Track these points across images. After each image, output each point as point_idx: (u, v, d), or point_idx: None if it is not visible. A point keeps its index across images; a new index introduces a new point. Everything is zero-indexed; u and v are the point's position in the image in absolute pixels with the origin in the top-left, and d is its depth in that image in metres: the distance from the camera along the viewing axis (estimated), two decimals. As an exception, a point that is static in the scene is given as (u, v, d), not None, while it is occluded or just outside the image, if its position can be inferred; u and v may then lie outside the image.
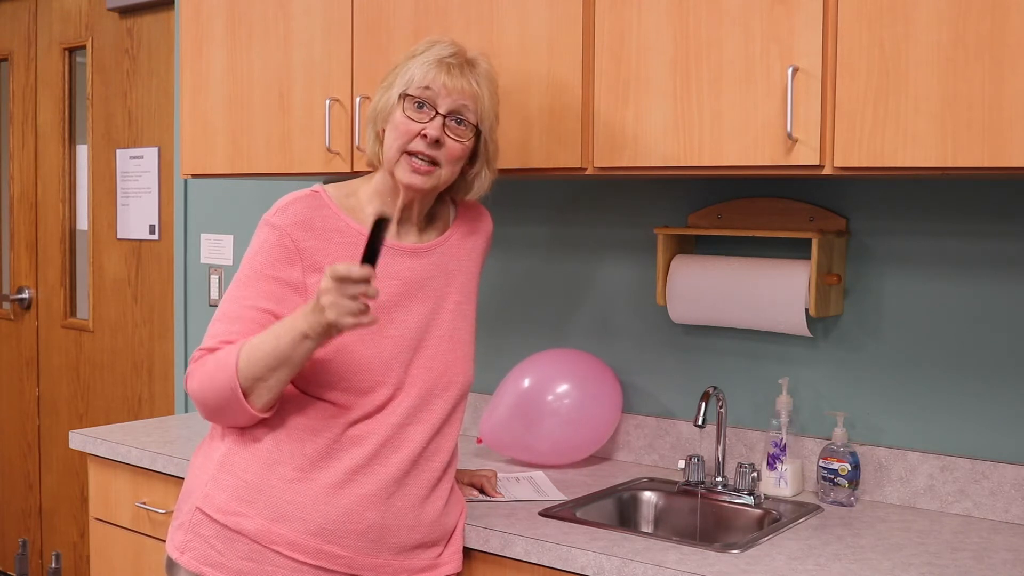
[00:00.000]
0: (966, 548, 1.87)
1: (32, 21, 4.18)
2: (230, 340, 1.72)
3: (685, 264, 2.30)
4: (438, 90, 1.79)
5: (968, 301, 2.07)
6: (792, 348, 2.28)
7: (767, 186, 2.28)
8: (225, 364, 1.69)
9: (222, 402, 1.71)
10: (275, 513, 1.73)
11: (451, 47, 1.84)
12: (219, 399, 1.71)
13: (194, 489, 1.82)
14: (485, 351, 2.64)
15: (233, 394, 1.69)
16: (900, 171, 1.78)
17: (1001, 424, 2.05)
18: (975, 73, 1.67)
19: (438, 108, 1.79)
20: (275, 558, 1.73)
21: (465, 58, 1.85)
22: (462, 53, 1.85)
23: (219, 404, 1.72)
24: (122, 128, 3.81)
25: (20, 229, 4.30)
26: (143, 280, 3.75)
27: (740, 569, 1.73)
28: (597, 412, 2.39)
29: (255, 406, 1.70)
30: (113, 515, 2.61)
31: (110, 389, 3.91)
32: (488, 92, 1.85)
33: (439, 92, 1.79)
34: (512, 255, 2.68)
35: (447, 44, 1.84)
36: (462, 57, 1.84)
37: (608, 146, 2.06)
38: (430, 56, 1.81)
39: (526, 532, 1.90)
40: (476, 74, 1.84)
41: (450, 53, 1.82)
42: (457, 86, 1.80)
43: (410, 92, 1.79)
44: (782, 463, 2.19)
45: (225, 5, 2.67)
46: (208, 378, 1.71)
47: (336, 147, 2.43)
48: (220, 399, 1.71)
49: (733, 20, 1.90)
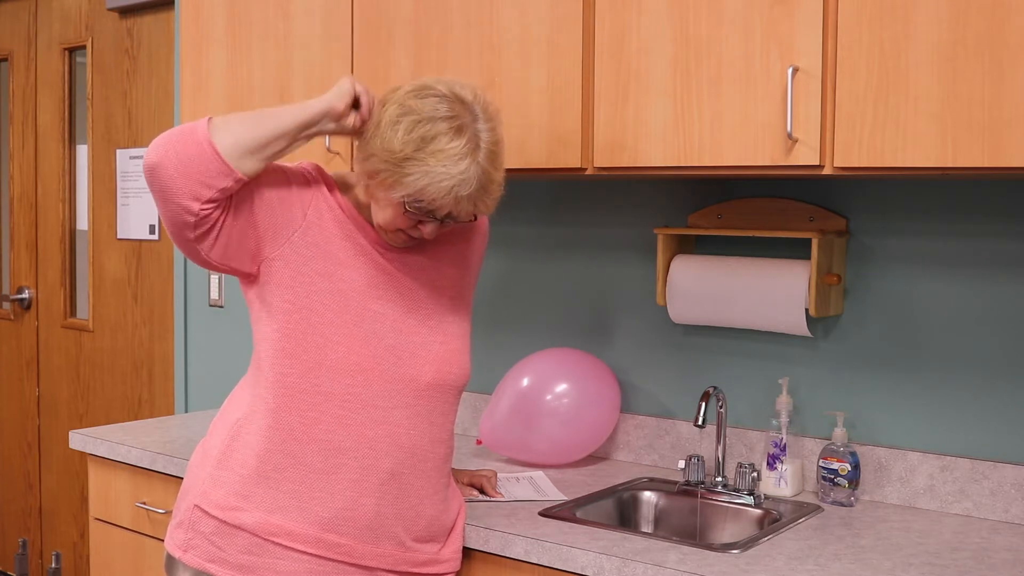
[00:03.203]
0: (966, 548, 1.87)
1: (32, 21, 4.18)
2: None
3: (685, 264, 2.30)
4: (442, 208, 1.71)
5: (968, 301, 2.08)
6: (792, 348, 2.28)
7: (767, 186, 2.28)
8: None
9: (183, 139, 1.64)
10: (273, 505, 1.74)
11: (465, 146, 1.68)
12: (181, 136, 1.64)
13: (192, 487, 1.82)
14: (484, 351, 2.64)
15: (196, 126, 1.64)
16: (900, 171, 1.78)
17: (1001, 424, 2.05)
18: (975, 73, 1.67)
19: (437, 215, 1.73)
20: (276, 550, 1.73)
21: (474, 146, 1.69)
22: (472, 140, 1.69)
23: (179, 142, 1.64)
24: (122, 128, 3.81)
25: (20, 229, 4.30)
26: (143, 280, 3.75)
27: (740, 569, 1.73)
28: (596, 412, 2.39)
29: (216, 140, 1.63)
30: (113, 515, 2.61)
31: (110, 389, 3.91)
32: (493, 183, 1.74)
33: (442, 209, 1.71)
34: (512, 255, 2.68)
35: (463, 146, 1.68)
36: (472, 147, 1.68)
37: (608, 146, 2.06)
38: (440, 171, 1.66)
39: (526, 532, 1.90)
40: (481, 160, 1.69)
41: (460, 160, 1.66)
42: (462, 205, 1.71)
43: (411, 209, 1.71)
44: (782, 463, 2.19)
45: (225, 5, 2.67)
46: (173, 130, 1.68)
47: (336, 147, 2.43)
48: (182, 136, 1.64)
49: (733, 20, 1.90)
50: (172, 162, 1.63)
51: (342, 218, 1.80)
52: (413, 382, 1.80)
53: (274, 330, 1.75)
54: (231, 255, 1.73)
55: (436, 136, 1.68)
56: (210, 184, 1.64)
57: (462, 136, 1.68)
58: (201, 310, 3.41)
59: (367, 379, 1.76)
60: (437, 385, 1.83)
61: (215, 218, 1.67)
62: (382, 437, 1.77)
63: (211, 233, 1.69)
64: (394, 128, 1.70)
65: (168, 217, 1.67)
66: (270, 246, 1.74)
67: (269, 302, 1.76)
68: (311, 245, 1.76)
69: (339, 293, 1.76)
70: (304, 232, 1.76)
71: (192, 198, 1.63)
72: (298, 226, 1.76)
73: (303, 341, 1.74)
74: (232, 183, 1.66)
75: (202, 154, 1.63)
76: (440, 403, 1.84)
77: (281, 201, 1.75)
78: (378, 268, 1.80)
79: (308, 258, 1.75)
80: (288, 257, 1.75)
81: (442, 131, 1.68)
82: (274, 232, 1.74)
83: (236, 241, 1.72)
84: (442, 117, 1.69)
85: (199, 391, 3.42)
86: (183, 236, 1.69)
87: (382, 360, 1.77)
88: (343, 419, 1.75)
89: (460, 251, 1.95)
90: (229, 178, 1.65)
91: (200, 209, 1.64)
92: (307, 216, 1.77)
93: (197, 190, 1.63)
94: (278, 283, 1.75)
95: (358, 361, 1.76)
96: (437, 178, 1.67)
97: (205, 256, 1.72)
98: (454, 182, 1.67)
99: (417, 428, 1.80)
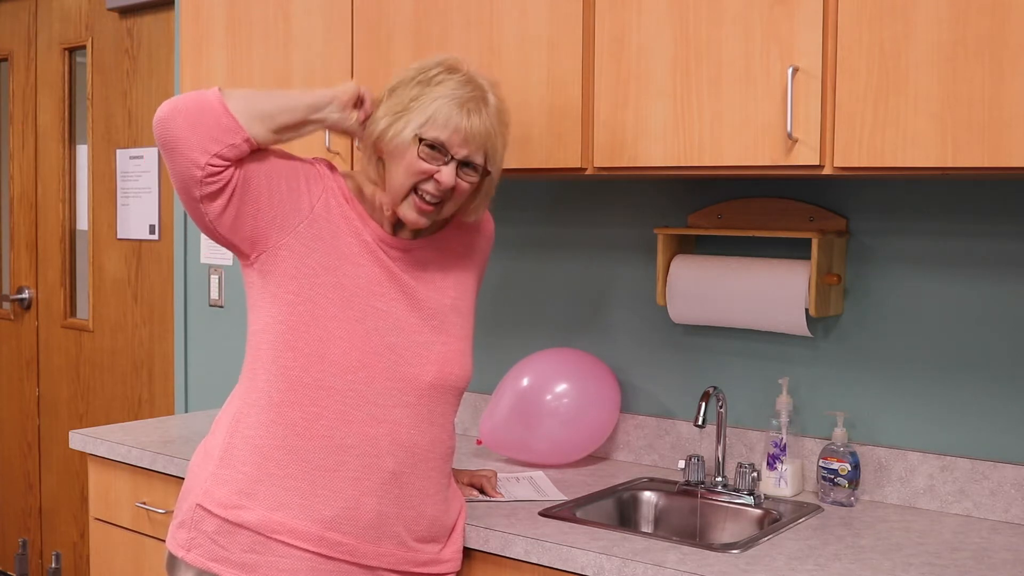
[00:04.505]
0: (966, 548, 1.87)
1: (32, 21, 4.18)
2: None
3: (685, 264, 2.30)
4: (455, 136, 1.75)
5: (968, 301, 2.08)
6: (792, 348, 2.28)
7: (767, 186, 2.29)
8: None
9: (194, 98, 1.70)
10: (276, 502, 1.74)
11: (468, 83, 1.78)
12: (192, 96, 1.70)
13: (194, 487, 1.82)
14: (484, 351, 2.64)
15: (207, 90, 1.70)
16: (900, 171, 1.78)
17: (1001, 424, 2.05)
18: (975, 73, 1.67)
19: (453, 154, 1.76)
20: (278, 547, 1.73)
21: (482, 96, 1.79)
22: (479, 89, 1.79)
23: (190, 99, 1.69)
24: (122, 128, 3.81)
25: (20, 229, 4.30)
26: (143, 280, 3.75)
27: (740, 569, 1.73)
28: (596, 412, 2.39)
29: (226, 101, 1.69)
30: (113, 515, 2.61)
31: (110, 389, 3.91)
32: (501, 135, 1.83)
33: (456, 138, 1.75)
34: (512, 255, 2.68)
35: (463, 78, 1.78)
36: (479, 95, 1.78)
37: (608, 146, 2.06)
38: (448, 94, 1.75)
39: (526, 532, 1.90)
40: (490, 113, 1.79)
41: (469, 94, 1.77)
42: (475, 132, 1.76)
43: (426, 137, 1.75)
44: (782, 463, 2.19)
45: (225, 5, 2.67)
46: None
47: (336, 147, 2.43)
48: (193, 96, 1.70)
49: (733, 20, 1.90)
50: (182, 115, 1.67)
51: (350, 215, 1.80)
52: (414, 381, 1.80)
53: (278, 321, 1.76)
54: (236, 229, 1.74)
55: (442, 81, 1.77)
56: (218, 138, 1.67)
57: (468, 83, 1.78)
58: (201, 310, 3.41)
59: (368, 376, 1.76)
60: (438, 385, 1.83)
61: (224, 179, 1.69)
62: (383, 435, 1.77)
63: (219, 197, 1.70)
64: (398, 89, 1.79)
65: (176, 172, 1.69)
66: (277, 234, 1.75)
67: (274, 292, 1.76)
68: (316, 237, 1.77)
69: (342, 288, 1.76)
70: (310, 224, 1.77)
71: (200, 150, 1.66)
72: (305, 217, 1.77)
73: (306, 334, 1.74)
74: (240, 141, 1.68)
75: (212, 109, 1.68)
76: (441, 403, 1.84)
77: (291, 191, 1.76)
78: (382, 267, 1.81)
79: (313, 249, 1.76)
80: (293, 246, 1.76)
81: (446, 76, 1.78)
82: (282, 220, 1.75)
83: (247, 219, 1.73)
84: (446, 68, 1.79)
85: (199, 391, 3.42)
86: (190, 194, 1.70)
87: (383, 358, 1.77)
88: (345, 415, 1.75)
89: (464, 253, 1.95)
90: (238, 135, 1.68)
91: (207, 164, 1.67)
92: (315, 208, 1.78)
93: (205, 143, 1.66)
94: (283, 272, 1.76)
95: (359, 357, 1.76)
96: (447, 100, 1.74)
97: (210, 222, 1.73)
98: (464, 99, 1.75)
99: (418, 428, 1.80)
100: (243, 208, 1.72)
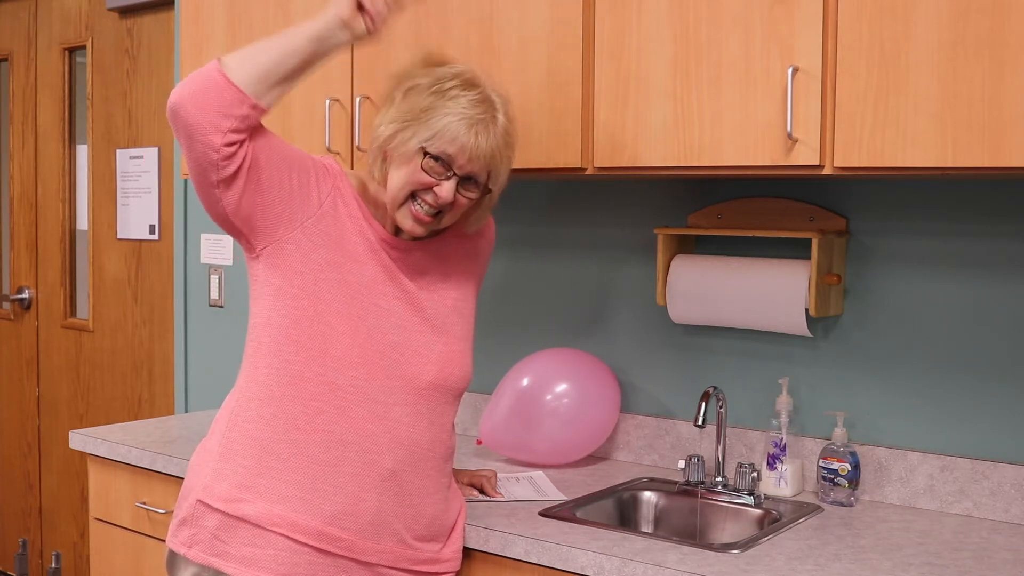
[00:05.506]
0: (966, 548, 1.87)
1: (32, 21, 4.18)
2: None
3: (685, 264, 2.30)
4: (460, 154, 1.75)
5: (968, 301, 2.07)
6: (792, 348, 2.28)
7: (767, 186, 2.28)
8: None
9: (197, 77, 1.68)
10: (276, 495, 1.74)
11: (481, 102, 1.77)
12: (195, 75, 1.69)
13: (195, 485, 1.82)
14: (484, 351, 2.64)
15: (208, 65, 1.69)
16: (900, 171, 1.78)
17: (1001, 424, 2.05)
18: (975, 73, 1.67)
19: (456, 170, 1.76)
20: (277, 540, 1.73)
21: (492, 116, 1.78)
22: (491, 109, 1.78)
23: (193, 80, 1.68)
24: (122, 128, 3.81)
25: (20, 229, 4.30)
26: (143, 280, 3.75)
27: (740, 569, 1.73)
28: (596, 412, 2.39)
29: (227, 71, 1.67)
30: (113, 515, 2.61)
31: (110, 389, 3.91)
32: (506, 155, 1.82)
33: (461, 156, 1.75)
34: (512, 255, 2.68)
35: (478, 96, 1.77)
36: (490, 116, 1.78)
37: (608, 146, 2.06)
38: (460, 112, 1.75)
39: (526, 532, 1.90)
40: (497, 134, 1.78)
41: (479, 115, 1.76)
42: (480, 153, 1.76)
43: (431, 151, 1.75)
44: (782, 463, 2.19)
45: (225, 5, 2.67)
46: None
47: (336, 147, 2.43)
48: (196, 75, 1.69)
49: (733, 20, 1.90)
50: (190, 99, 1.66)
51: (356, 214, 1.81)
52: (414, 380, 1.80)
53: (281, 315, 1.76)
54: (247, 217, 1.74)
55: (456, 96, 1.76)
56: (228, 113, 1.66)
57: (482, 103, 1.78)
58: (201, 310, 3.41)
59: (369, 373, 1.76)
60: (438, 386, 1.83)
61: (239, 158, 1.68)
62: (383, 433, 1.77)
63: (235, 182, 1.69)
64: (412, 93, 1.78)
65: (194, 159, 1.69)
66: (285, 228, 1.75)
67: (278, 286, 1.77)
68: (322, 233, 1.77)
69: (346, 284, 1.77)
70: (318, 220, 1.77)
71: (214, 130, 1.65)
72: (313, 213, 1.77)
73: (309, 328, 1.75)
74: (249, 110, 1.67)
75: (215, 84, 1.66)
76: (440, 404, 1.85)
77: (302, 186, 1.77)
78: (385, 267, 1.81)
79: (318, 245, 1.77)
80: (300, 241, 1.76)
81: (461, 92, 1.77)
82: (290, 214, 1.75)
83: (258, 208, 1.73)
84: (463, 83, 1.78)
85: (199, 391, 3.42)
86: (207, 179, 1.70)
87: (384, 356, 1.78)
88: (345, 411, 1.75)
89: (466, 255, 1.96)
90: (245, 104, 1.67)
91: (223, 145, 1.66)
92: (322, 205, 1.78)
93: (217, 121, 1.65)
94: (288, 267, 1.76)
95: (361, 354, 1.76)
96: (457, 118, 1.74)
97: (224, 208, 1.73)
98: (475, 119, 1.75)
99: (417, 427, 1.81)
100: (256, 197, 1.73)
